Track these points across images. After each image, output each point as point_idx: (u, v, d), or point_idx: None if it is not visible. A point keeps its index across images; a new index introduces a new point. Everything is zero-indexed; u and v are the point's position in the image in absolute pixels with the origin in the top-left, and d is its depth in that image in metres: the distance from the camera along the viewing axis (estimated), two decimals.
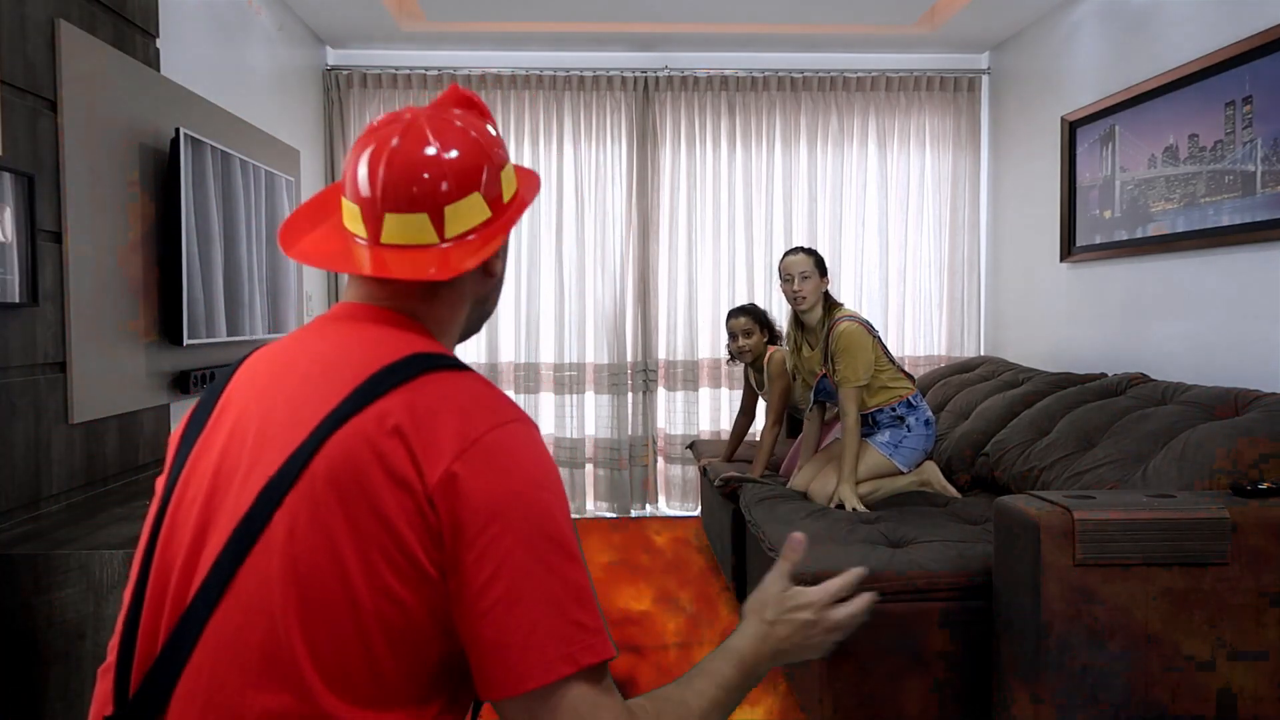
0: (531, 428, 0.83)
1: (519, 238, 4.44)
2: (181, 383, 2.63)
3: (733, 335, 3.50)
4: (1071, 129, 3.61)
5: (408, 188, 0.85)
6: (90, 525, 1.92)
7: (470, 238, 0.88)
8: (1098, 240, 3.44)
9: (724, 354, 3.96)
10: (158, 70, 2.57)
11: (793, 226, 4.51)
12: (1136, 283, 3.23)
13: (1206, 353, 2.85)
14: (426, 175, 0.85)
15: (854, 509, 2.70)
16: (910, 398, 2.88)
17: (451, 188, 0.86)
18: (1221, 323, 2.79)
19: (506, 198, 0.91)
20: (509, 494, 0.76)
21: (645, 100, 4.47)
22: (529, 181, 0.96)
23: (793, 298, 2.93)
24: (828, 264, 3.01)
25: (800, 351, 3.06)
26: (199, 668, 0.76)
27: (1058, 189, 3.74)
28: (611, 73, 4.44)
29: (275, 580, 0.75)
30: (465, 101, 0.94)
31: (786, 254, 2.99)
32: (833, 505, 2.76)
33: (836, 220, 4.53)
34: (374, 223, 0.87)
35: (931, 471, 2.97)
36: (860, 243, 4.53)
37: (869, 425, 2.92)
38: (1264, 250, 2.61)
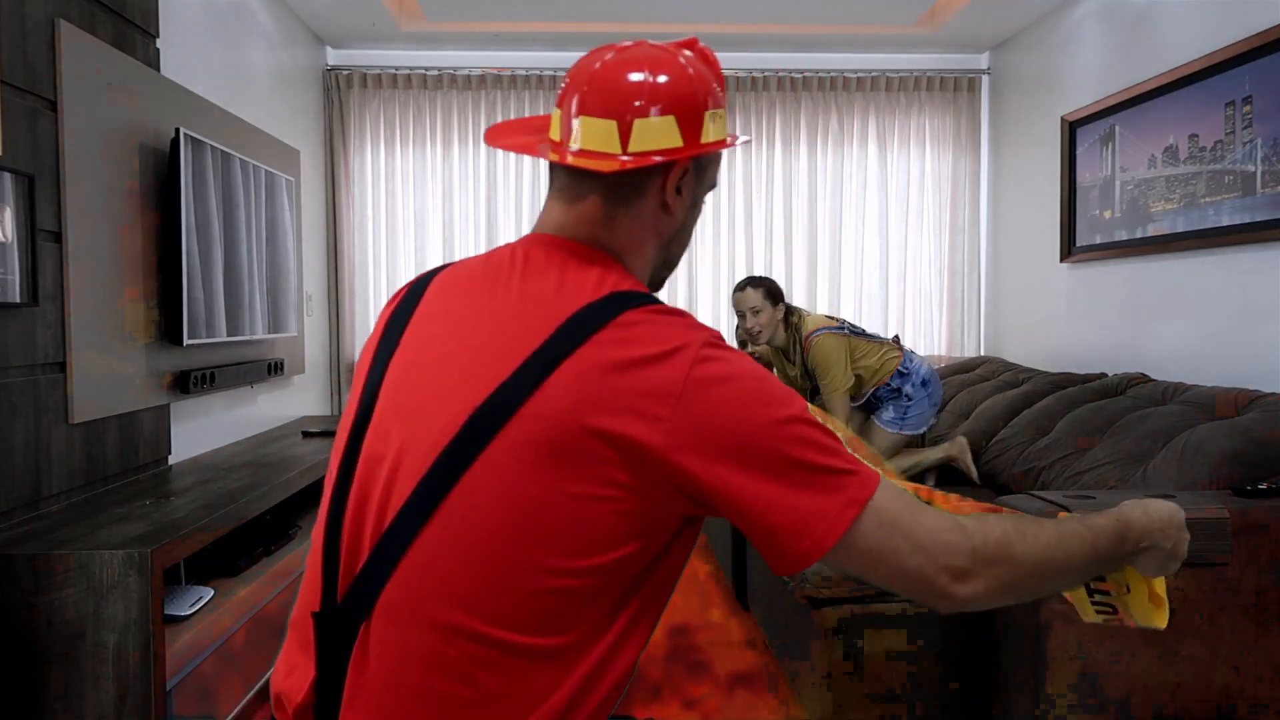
0: (720, 339, 0.84)
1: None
2: (181, 383, 2.63)
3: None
4: (1071, 129, 3.61)
5: (604, 93, 0.89)
6: (90, 525, 1.92)
7: (655, 158, 0.89)
8: (1098, 240, 3.44)
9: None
10: (158, 70, 2.57)
11: (793, 226, 4.50)
12: (1136, 283, 3.23)
13: (1206, 353, 2.85)
14: (624, 85, 0.89)
15: None
16: (899, 366, 2.95)
17: (645, 103, 0.89)
18: (1221, 323, 2.79)
19: (706, 139, 0.92)
20: (731, 415, 0.78)
21: None
22: (731, 141, 0.97)
23: (748, 335, 3.08)
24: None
25: (786, 372, 3.16)
26: (405, 579, 0.80)
27: (1058, 189, 3.73)
28: None
29: (488, 506, 0.78)
30: (700, 53, 0.96)
31: (736, 290, 3.07)
32: None
33: (836, 220, 4.52)
34: (567, 126, 0.91)
35: (961, 448, 3.02)
36: (860, 243, 4.53)
37: (872, 403, 3.00)
38: (1264, 250, 2.61)
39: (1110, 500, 1.94)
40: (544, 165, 4.20)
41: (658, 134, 0.89)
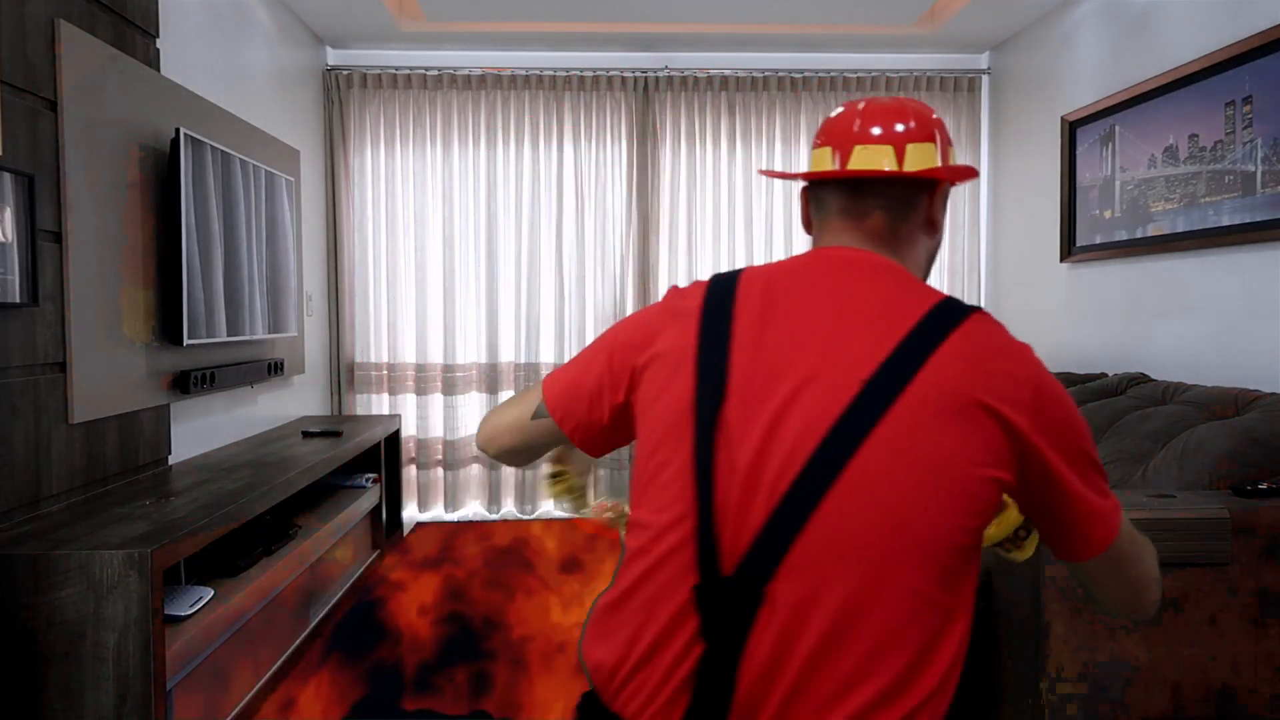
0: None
1: (519, 238, 4.45)
2: (181, 383, 2.63)
3: None
4: (1071, 129, 3.61)
5: (877, 124, 1.03)
6: (90, 525, 1.93)
7: (947, 175, 1.03)
8: (1098, 240, 3.44)
9: None
10: (158, 70, 2.57)
11: (793, 226, 4.50)
12: (1136, 283, 3.23)
13: (1206, 353, 2.85)
14: (894, 117, 1.03)
15: None
16: None
17: (913, 131, 1.02)
18: (1221, 323, 2.79)
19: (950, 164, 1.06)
20: (1065, 414, 0.92)
21: (645, 100, 4.47)
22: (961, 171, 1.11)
23: None
24: None
25: None
26: (818, 540, 0.86)
27: (1058, 189, 3.74)
28: (611, 73, 4.44)
29: (899, 465, 0.86)
30: None
31: None
32: None
33: None
34: (843, 156, 1.03)
35: None
36: None
37: None
38: (1264, 250, 2.61)
39: None
40: (543, 171, 4.18)
41: (925, 156, 1.02)
